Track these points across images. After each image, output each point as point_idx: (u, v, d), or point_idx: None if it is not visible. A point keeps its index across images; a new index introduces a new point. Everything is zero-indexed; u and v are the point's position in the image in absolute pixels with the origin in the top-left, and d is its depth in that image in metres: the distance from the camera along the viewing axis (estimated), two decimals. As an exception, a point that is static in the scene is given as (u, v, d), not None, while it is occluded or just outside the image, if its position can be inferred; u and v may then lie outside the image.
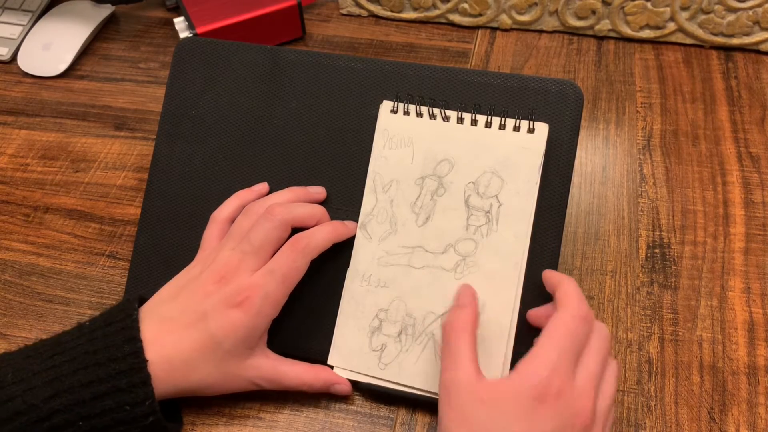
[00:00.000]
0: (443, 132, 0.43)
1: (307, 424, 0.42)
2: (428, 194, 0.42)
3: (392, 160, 0.43)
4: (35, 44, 0.67)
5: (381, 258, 0.43)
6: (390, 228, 0.43)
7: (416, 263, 0.42)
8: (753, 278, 0.48)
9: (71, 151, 0.58)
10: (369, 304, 0.42)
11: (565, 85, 0.43)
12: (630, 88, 0.61)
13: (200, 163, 0.47)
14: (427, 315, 0.41)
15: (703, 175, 0.54)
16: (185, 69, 0.48)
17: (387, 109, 0.44)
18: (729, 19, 0.62)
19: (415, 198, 0.43)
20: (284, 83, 0.47)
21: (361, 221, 0.43)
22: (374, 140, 0.44)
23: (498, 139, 0.42)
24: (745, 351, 0.44)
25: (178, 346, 0.37)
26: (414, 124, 0.44)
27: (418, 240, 0.42)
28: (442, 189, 0.42)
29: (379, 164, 0.44)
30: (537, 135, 0.42)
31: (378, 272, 0.42)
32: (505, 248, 0.41)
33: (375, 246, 0.43)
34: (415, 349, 0.41)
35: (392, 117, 0.44)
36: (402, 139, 0.44)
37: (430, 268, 0.42)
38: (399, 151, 0.43)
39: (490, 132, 0.42)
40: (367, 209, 0.44)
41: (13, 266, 0.50)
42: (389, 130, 0.44)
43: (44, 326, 0.47)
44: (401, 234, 0.43)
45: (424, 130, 0.43)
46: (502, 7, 0.66)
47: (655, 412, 0.42)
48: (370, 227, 0.43)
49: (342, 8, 0.70)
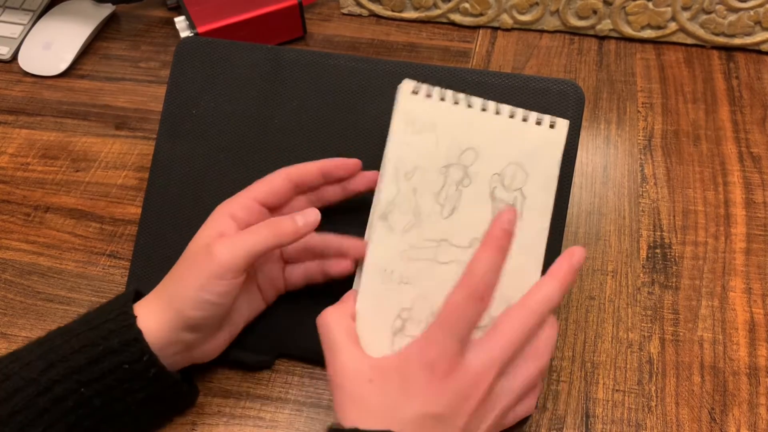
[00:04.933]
0: (468, 119, 0.40)
1: (307, 425, 0.42)
2: (453, 184, 0.40)
3: (416, 146, 0.40)
4: (36, 43, 0.67)
5: (405, 252, 0.39)
6: (414, 219, 0.39)
7: (442, 258, 0.39)
8: (754, 278, 0.48)
9: (72, 151, 0.58)
10: (391, 303, 0.39)
11: (566, 85, 0.43)
12: (631, 88, 0.61)
13: (201, 162, 0.47)
14: None
15: (704, 175, 0.54)
16: (186, 68, 0.48)
17: (408, 89, 0.41)
18: (730, 19, 0.62)
19: (440, 188, 0.39)
20: (285, 83, 0.47)
21: (381, 212, 0.40)
22: (393, 123, 0.41)
23: (522, 131, 0.40)
24: (746, 351, 0.44)
25: (159, 289, 0.38)
26: (437, 108, 0.40)
27: (444, 233, 0.39)
28: (467, 179, 0.40)
29: (401, 150, 0.40)
30: (558, 130, 0.40)
31: (402, 267, 0.39)
32: (529, 243, 0.39)
33: (398, 239, 0.39)
34: None
35: (414, 98, 0.41)
36: (425, 123, 0.40)
37: (457, 263, 0.38)
38: (422, 136, 0.40)
39: (514, 123, 0.40)
40: (389, 198, 0.40)
41: (13, 266, 0.50)
42: (411, 113, 0.40)
43: (44, 325, 0.47)
44: (426, 226, 0.39)
45: (448, 116, 0.40)
46: (503, 6, 0.66)
47: (655, 412, 0.42)
48: (392, 218, 0.40)
49: (343, 8, 0.70)
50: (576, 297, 0.47)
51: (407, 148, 0.40)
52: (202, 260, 0.37)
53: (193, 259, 0.38)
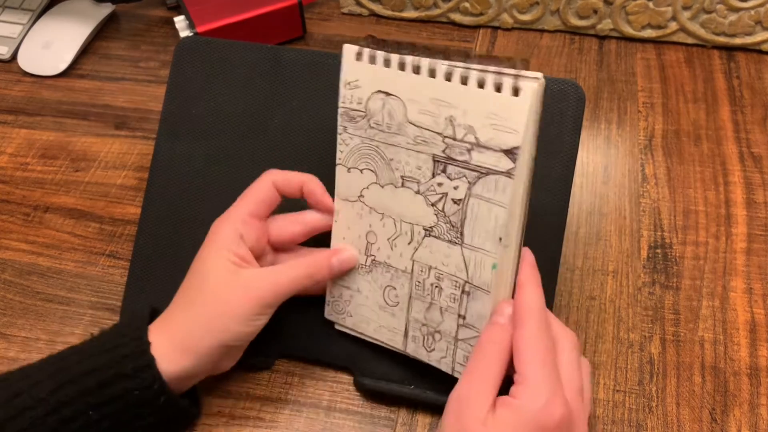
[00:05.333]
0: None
1: (307, 425, 0.41)
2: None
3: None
4: (35, 43, 0.66)
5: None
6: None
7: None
8: (755, 279, 0.48)
9: (71, 151, 0.58)
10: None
11: (567, 85, 0.43)
12: (632, 87, 0.61)
13: (201, 162, 0.47)
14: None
15: (704, 175, 0.54)
16: (186, 68, 0.48)
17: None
18: (731, 19, 0.62)
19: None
20: (285, 82, 0.47)
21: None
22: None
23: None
24: (746, 352, 0.44)
25: (179, 318, 0.37)
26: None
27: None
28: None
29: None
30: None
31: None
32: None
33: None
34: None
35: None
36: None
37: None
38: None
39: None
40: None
41: (13, 266, 0.50)
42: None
43: (44, 326, 0.47)
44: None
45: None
46: (504, 6, 0.66)
47: (656, 412, 0.42)
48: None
49: (343, 7, 0.70)
50: (576, 297, 0.47)
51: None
52: (235, 295, 0.37)
53: (221, 292, 0.37)
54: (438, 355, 0.40)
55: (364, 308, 0.42)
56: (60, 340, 0.46)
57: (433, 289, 0.39)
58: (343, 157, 0.40)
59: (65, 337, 0.46)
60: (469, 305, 0.38)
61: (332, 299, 0.43)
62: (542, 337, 0.34)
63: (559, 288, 0.47)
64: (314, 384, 0.43)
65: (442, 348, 0.40)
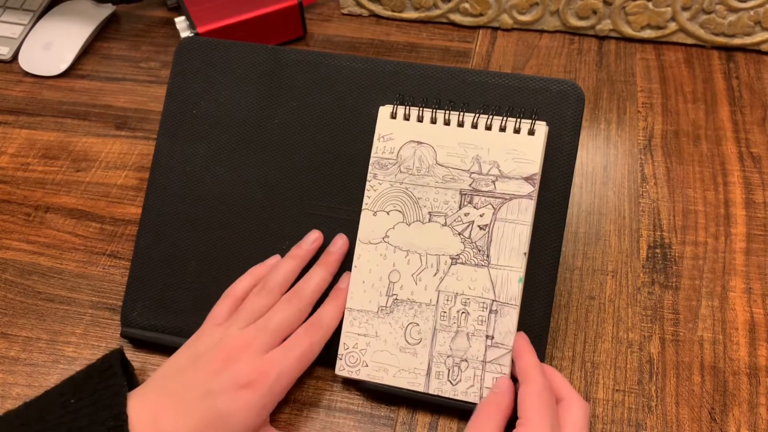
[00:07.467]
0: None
1: (307, 424, 0.42)
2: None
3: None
4: (36, 44, 0.67)
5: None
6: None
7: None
8: (754, 278, 0.48)
9: (72, 151, 0.58)
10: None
11: (566, 85, 0.43)
12: (631, 88, 0.61)
13: (201, 162, 0.47)
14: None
15: (704, 176, 0.54)
16: (186, 68, 0.48)
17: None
18: (730, 19, 0.62)
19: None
20: (285, 83, 0.47)
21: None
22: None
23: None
24: (746, 351, 0.44)
25: (180, 422, 0.35)
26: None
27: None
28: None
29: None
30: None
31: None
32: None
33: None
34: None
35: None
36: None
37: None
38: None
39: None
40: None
41: (13, 265, 0.50)
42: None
43: (45, 326, 0.47)
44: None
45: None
46: (503, 6, 0.66)
47: (655, 412, 0.42)
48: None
49: (343, 8, 0.70)
50: (576, 297, 0.47)
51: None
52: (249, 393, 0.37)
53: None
54: (465, 385, 0.40)
55: (382, 354, 0.42)
56: (61, 339, 0.46)
57: (460, 317, 0.41)
58: (370, 202, 0.43)
59: (66, 336, 0.46)
60: (497, 323, 0.40)
61: (346, 352, 0.42)
62: (545, 391, 0.37)
63: (558, 288, 0.47)
64: (314, 384, 0.43)
65: (469, 376, 0.40)
